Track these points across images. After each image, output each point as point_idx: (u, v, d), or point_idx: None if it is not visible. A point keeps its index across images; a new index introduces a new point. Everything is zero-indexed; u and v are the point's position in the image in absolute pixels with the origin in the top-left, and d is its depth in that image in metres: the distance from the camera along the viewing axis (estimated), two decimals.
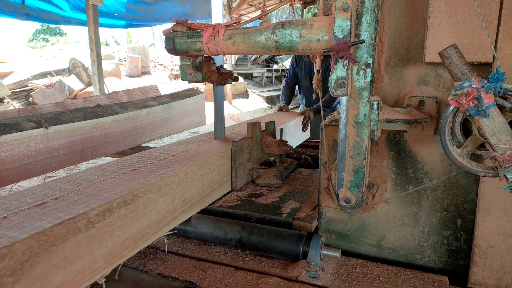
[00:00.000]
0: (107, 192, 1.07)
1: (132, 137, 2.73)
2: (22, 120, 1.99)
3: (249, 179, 2.00)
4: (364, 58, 1.05)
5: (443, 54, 0.93)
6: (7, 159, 1.86)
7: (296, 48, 1.15)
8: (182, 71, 1.54)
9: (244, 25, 1.29)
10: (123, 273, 1.36)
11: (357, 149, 1.13)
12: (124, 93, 3.58)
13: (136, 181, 1.19)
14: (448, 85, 1.17)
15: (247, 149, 1.94)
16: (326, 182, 1.37)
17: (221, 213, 1.63)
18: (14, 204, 0.97)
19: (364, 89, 1.07)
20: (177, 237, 1.54)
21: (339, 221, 1.40)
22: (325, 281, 1.22)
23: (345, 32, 1.00)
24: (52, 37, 20.88)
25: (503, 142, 0.89)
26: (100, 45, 6.66)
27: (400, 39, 1.21)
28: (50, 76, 10.24)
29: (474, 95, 0.89)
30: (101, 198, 1.02)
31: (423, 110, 1.18)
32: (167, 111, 3.11)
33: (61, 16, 7.16)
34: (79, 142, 2.23)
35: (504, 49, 1.04)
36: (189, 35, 1.33)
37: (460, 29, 1.07)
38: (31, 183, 4.27)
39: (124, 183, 1.17)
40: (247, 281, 1.23)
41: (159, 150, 1.69)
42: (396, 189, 1.31)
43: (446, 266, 1.29)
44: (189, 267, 1.32)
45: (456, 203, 1.24)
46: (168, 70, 14.73)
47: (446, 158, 1.21)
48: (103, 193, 1.06)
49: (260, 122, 2.01)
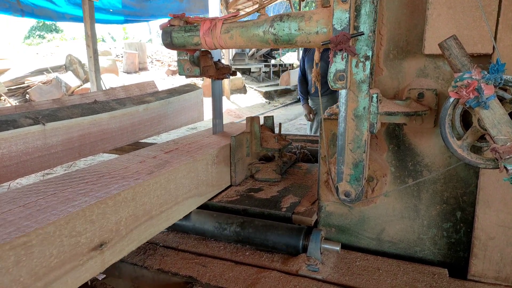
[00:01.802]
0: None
1: (130, 133, 2.71)
2: (19, 117, 1.97)
3: (248, 174, 2.00)
4: (363, 51, 1.04)
5: (443, 45, 0.93)
6: (4, 156, 1.84)
7: (294, 41, 1.14)
8: (180, 65, 1.53)
9: (241, 18, 1.28)
10: (122, 269, 1.36)
11: (357, 143, 1.13)
12: (122, 89, 3.56)
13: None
14: (447, 77, 1.17)
15: (245, 143, 1.93)
16: (326, 176, 1.37)
17: (220, 208, 1.63)
18: None
19: (363, 82, 1.06)
20: (177, 233, 1.54)
21: (338, 215, 1.40)
22: (325, 275, 1.22)
23: (344, 24, 0.99)
24: (48, 33, 20.75)
25: (503, 133, 0.89)
26: (97, 41, 6.62)
27: (399, 31, 1.20)
28: (46, 73, 10.19)
29: (474, 87, 0.88)
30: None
31: (423, 103, 1.17)
32: (165, 107, 3.09)
33: (56, 12, 7.11)
34: (76, 138, 2.22)
35: (504, 40, 1.03)
36: (186, 29, 1.31)
37: (459, 20, 1.06)
38: (29, 180, 4.27)
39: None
40: (247, 276, 1.23)
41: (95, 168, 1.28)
42: (396, 182, 1.30)
43: (446, 259, 1.29)
44: (189, 262, 1.32)
45: (456, 195, 1.24)
46: (166, 66, 14.67)
47: (445, 151, 1.21)
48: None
49: (259, 116, 2.01)
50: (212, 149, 1.61)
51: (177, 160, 1.40)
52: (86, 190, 1.04)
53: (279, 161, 2.03)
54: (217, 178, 1.67)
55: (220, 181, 1.70)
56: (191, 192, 1.42)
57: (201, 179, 1.50)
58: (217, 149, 1.63)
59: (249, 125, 1.95)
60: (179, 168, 1.32)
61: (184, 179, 1.36)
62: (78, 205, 0.92)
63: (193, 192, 1.43)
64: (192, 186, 1.42)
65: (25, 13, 6.66)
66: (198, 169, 1.46)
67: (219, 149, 1.66)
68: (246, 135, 1.94)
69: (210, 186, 1.59)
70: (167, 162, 1.36)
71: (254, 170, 1.99)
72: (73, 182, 1.11)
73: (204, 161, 1.52)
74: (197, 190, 1.47)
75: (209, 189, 1.59)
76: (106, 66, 11.28)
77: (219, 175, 1.69)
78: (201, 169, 1.50)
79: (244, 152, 1.93)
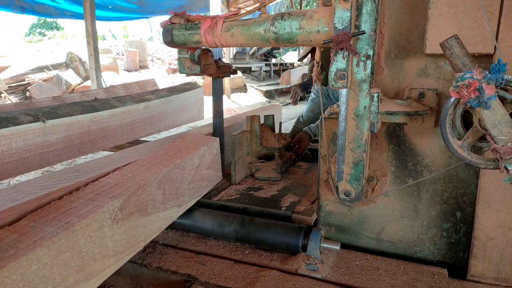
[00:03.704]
0: None
1: (130, 131, 2.71)
2: (19, 114, 1.97)
3: (248, 172, 2.00)
4: (364, 50, 1.04)
5: (444, 45, 0.92)
6: (4, 153, 1.84)
7: (295, 40, 1.14)
8: (180, 63, 1.53)
9: (242, 16, 1.28)
10: (122, 267, 1.36)
11: (357, 142, 1.13)
12: (122, 87, 3.55)
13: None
14: (448, 77, 1.16)
15: (245, 142, 1.93)
16: (326, 175, 1.36)
17: (220, 206, 1.63)
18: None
19: (364, 81, 1.06)
20: (176, 231, 1.54)
21: (338, 214, 1.40)
22: (325, 274, 1.21)
23: (345, 23, 0.99)
24: (48, 31, 20.72)
25: (504, 133, 0.89)
26: (97, 39, 6.61)
27: (400, 31, 1.19)
28: (47, 70, 10.17)
29: (475, 87, 0.88)
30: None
31: (424, 102, 1.17)
32: (165, 105, 3.09)
33: (55, 9, 7.10)
34: (76, 136, 2.22)
35: (506, 40, 1.03)
36: (187, 27, 1.31)
37: (461, 20, 1.06)
38: (29, 177, 4.27)
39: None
40: (246, 274, 1.22)
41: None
42: (396, 182, 1.30)
43: (446, 259, 1.29)
44: (188, 260, 1.32)
45: (456, 195, 1.24)
46: (166, 64, 14.65)
47: (446, 151, 1.20)
48: None
49: (259, 115, 2.00)
50: (116, 199, 1.02)
51: (32, 238, 0.83)
52: None
53: (279, 160, 2.03)
54: (127, 238, 1.07)
55: (132, 241, 1.10)
56: (68, 282, 0.86)
57: (89, 253, 0.93)
58: (126, 196, 1.05)
59: (249, 124, 1.95)
60: (31, 258, 0.77)
61: (48, 269, 0.81)
62: None
63: (71, 280, 0.87)
64: (70, 272, 0.87)
65: (25, 10, 6.65)
66: (79, 242, 0.90)
67: (132, 193, 1.08)
68: (246, 134, 1.94)
69: (109, 257, 1.02)
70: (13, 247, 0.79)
71: (254, 169, 1.99)
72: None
73: (94, 224, 0.94)
74: (82, 273, 0.91)
75: (109, 262, 1.02)
76: (107, 64, 11.26)
77: (132, 232, 1.10)
78: (87, 239, 0.92)
79: (244, 150, 1.93)
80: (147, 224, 1.17)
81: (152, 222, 1.20)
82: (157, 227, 1.23)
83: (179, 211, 1.36)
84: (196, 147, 1.52)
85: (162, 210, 1.25)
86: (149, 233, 1.19)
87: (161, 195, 1.23)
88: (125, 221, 1.06)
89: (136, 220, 1.12)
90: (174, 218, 1.34)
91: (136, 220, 1.12)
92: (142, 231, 1.15)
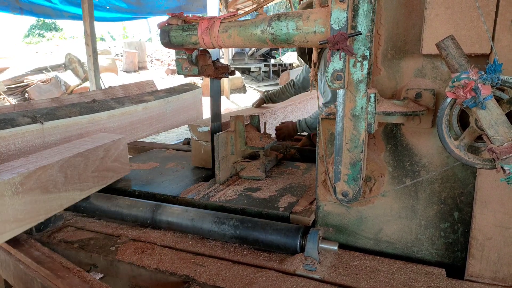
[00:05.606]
0: None
1: (129, 132, 2.71)
2: (17, 116, 1.97)
3: (233, 172, 2.01)
4: (361, 50, 1.04)
5: (440, 45, 0.93)
6: (2, 154, 1.84)
7: (292, 41, 1.14)
8: (178, 65, 1.53)
9: (240, 17, 1.28)
10: (120, 268, 1.36)
11: (354, 142, 1.13)
12: (121, 88, 3.55)
13: None
14: (445, 77, 1.17)
15: (230, 142, 1.94)
16: (323, 175, 1.37)
17: (218, 207, 1.63)
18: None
19: (361, 82, 1.06)
20: (174, 232, 1.54)
21: (336, 215, 1.40)
22: (323, 274, 1.22)
23: (342, 24, 0.99)
24: (47, 32, 20.73)
25: (500, 133, 0.89)
26: (96, 40, 6.61)
27: (397, 31, 1.20)
28: (46, 71, 10.17)
29: (471, 87, 0.88)
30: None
31: (420, 103, 1.17)
32: (163, 106, 3.09)
33: (53, 10, 7.11)
34: (75, 137, 2.21)
35: (502, 41, 1.03)
36: (184, 28, 1.31)
37: (457, 21, 1.06)
38: None
39: None
40: (244, 275, 1.22)
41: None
42: (393, 182, 1.30)
43: (443, 259, 1.29)
44: (186, 261, 1.32)
45: (453, 195, 1.24)
46: (165, 65, 14.66)
47: (443, 151, 1.21)
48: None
49: (243, 115, 2.01)
50: (17, 175, 1.22)
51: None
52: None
53: (264, 159, 2.05)
54: (27, 210, 1.27)
55: (32, 212, 1.29)
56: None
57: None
58: (26, 173, 1.25)
59: (234, 123, 1.96)
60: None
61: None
62: None
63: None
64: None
65: (23, 11, 6.66)
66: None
67: (33, 172, 1.28)
68: (231, 134, 1.94)
69: (9, 222, 1.21)
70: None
71: (239, 168, 2.01)
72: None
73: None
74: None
75: (9, 226, 1.21)
76: (106, 65, 11.27)
77: (33, 205, 1.29)
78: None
79: (228, 150, 1.94)
80: (48, 200, 1.36)
81: (54, 200, 1.38)
82: (58, 204, 1.42)
83: (81, 195, 1.55)
84: (102, 142, 1.72)
85: (64, 191, 1.44)
86: (50, 209, 1.38)
87: (62, 177, 1.42)
88: (25, 194, 1.25)
89: (37, 196, 1.31)
90: (77, 200, 1.52)
91: (37, 196, 1.31)
92: (43, 206, 1.34)
